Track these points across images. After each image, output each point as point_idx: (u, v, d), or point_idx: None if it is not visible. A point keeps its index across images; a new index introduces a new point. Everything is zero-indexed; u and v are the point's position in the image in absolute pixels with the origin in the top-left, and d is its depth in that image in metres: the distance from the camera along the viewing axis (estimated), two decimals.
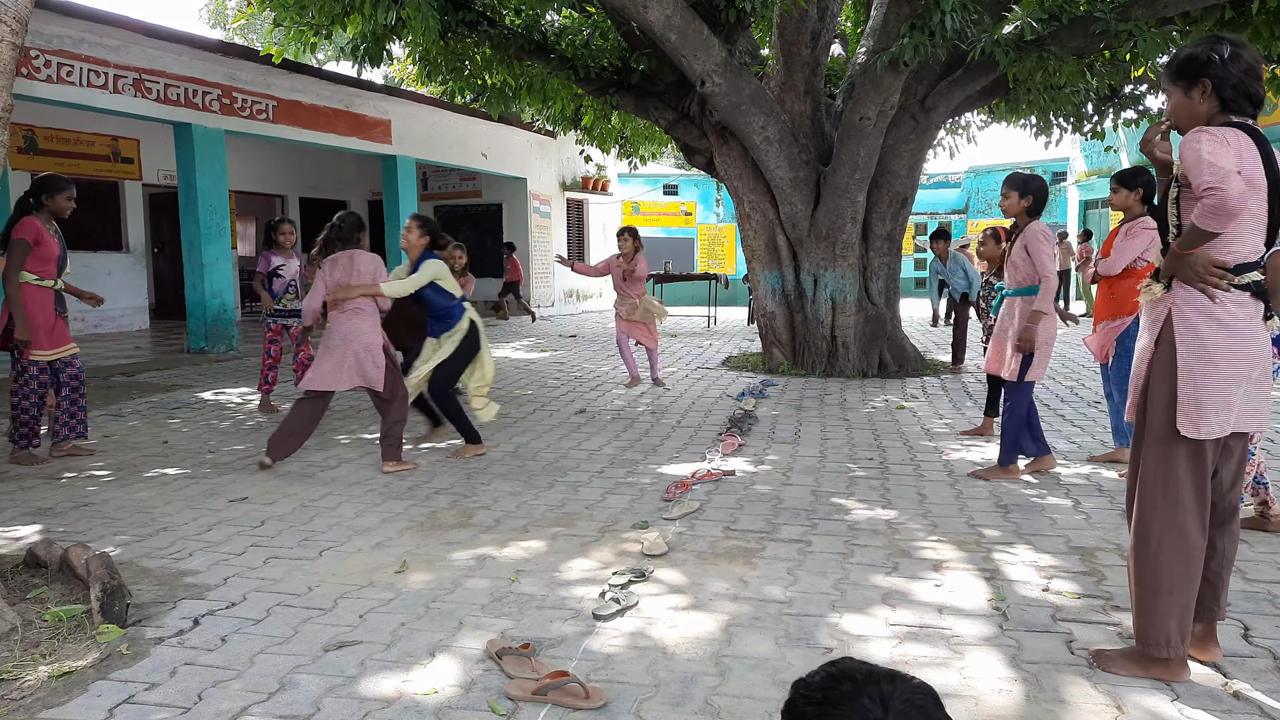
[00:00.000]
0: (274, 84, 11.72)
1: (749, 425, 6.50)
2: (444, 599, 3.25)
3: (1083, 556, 3.64)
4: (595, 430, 6.44)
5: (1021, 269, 4.93)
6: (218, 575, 3.51)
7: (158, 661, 2.77)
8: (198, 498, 4.69)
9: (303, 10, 8.09)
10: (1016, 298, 4.97)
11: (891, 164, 9.19)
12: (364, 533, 4.05)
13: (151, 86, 10.15)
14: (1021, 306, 4.92)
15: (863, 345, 9.24)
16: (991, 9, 8.26)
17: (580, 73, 9.44)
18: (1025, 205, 4.93)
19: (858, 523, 4.14)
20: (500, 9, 9.56)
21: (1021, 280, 4.95)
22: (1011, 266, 5.00)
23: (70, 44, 9.27)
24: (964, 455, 5.54)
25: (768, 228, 9.51)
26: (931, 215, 26.31)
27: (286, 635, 2.95)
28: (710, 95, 8.55)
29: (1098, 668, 2.64)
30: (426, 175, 17.71)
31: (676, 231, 26.48)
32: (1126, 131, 11.18)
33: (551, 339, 13.44)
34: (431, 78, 9.87)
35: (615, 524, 4.17)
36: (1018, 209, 4.95)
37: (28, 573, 3.47)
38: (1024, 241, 4.91)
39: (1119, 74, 8.86)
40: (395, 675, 2.67)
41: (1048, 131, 10.04)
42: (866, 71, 8.50)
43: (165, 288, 15.41)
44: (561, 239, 18.84)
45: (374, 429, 6.49)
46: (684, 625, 3.01)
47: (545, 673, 2.59)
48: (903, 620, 3.04)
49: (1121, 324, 5.01)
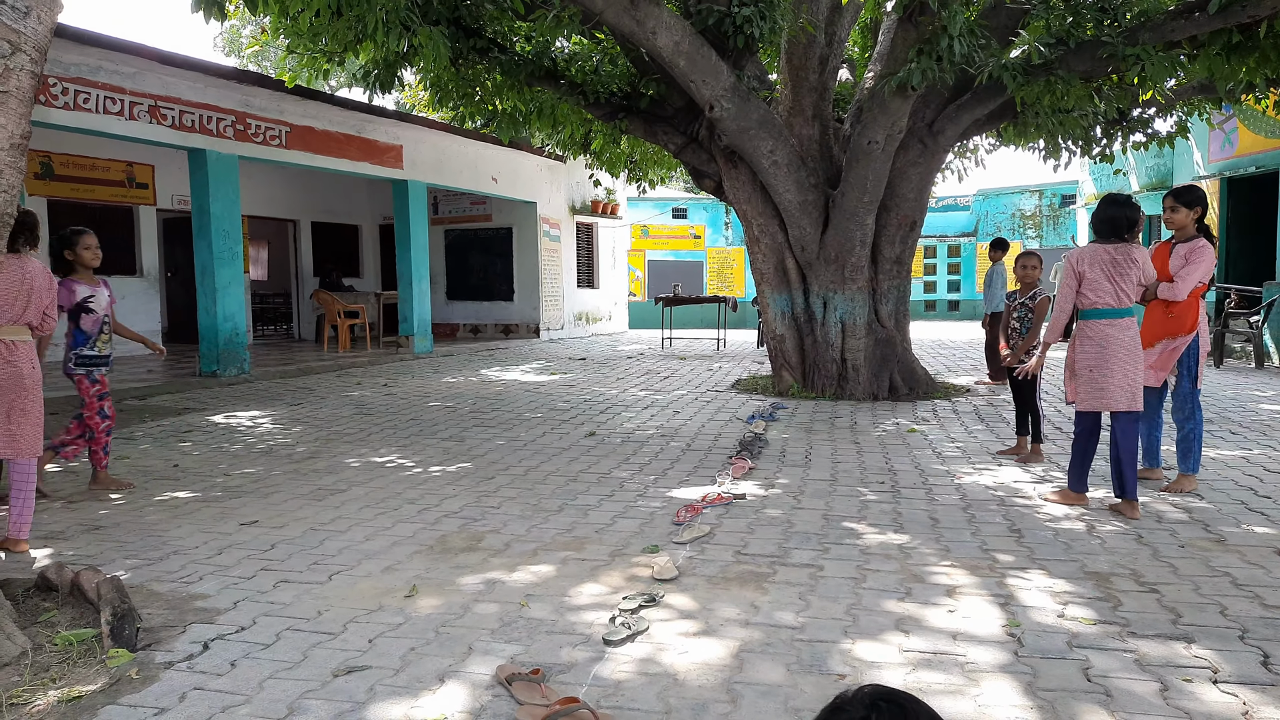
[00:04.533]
0: (287, 110, 11.86)
1: (759, 448, 6.48)
2: (453, 624, 3.24)
3: (1098, 582, 3.61)
4: (605, 453, 6.43)
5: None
6: (228, 599, 3.51)
7: (167, 686, 2.76)
8: (208, 521, 4.69)
9: (316, 37, 8.19)
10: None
11: (900, 187, 9.21)
12: (373, 556, 4.04)
13: (167, 113, 10.28)
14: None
15: (873, 368, 9.21)
16: (999, 33, 8.30)
17: (590, 98, 9.52)
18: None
19: (870, 547, 4.11)
20: (511, 36, 9.67)
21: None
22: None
23: (87, 71, 9.41)
24: (976, 479, 5.50)
25: (777, 251, 9.53)
26: (941, 238, 26.33)
27: (296, 660, 2.94)
28: (719, 120, 8.60)
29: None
30: (437, 199, 17.85)
31: (685, 254, 26.56)
32: (1135, 154, 11.19)
33: (561, 361, 13.46)
34: (443, 103, 9.97)
35: (625, 548, 4.15)
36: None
37: (39, 596, 3.47)
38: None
39: (1127, 97, 8.88)
40: (404, 701, 2.65)
41: (1056, 155, 10.06)
42: (874, 96, 8.55)
43: (178, 311, 15.52)
44: (571, 262, 18.93)
45: (384, 451, 6.50)
46: (695, 651, 2.98)
47: (555, 699, 2.57)
48: (916, 646, 3.01)
49: (1182, 343, 4.95)
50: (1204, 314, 5.03)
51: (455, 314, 18.40)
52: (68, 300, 5.15)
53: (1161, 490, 5.08)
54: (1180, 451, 5.11)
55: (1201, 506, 4.75)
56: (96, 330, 5.26)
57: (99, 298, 5.27)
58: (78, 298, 5.19)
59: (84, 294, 5.20)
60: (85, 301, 5.20)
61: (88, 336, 5.23)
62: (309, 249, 17.18)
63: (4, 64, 2.85)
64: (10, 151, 2.94)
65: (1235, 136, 14.48)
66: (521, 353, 15.10)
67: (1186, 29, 7.16)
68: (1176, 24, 7.17)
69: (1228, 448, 6.27)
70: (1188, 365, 4.99)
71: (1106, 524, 4.45)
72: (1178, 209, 4.96)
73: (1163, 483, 5.22)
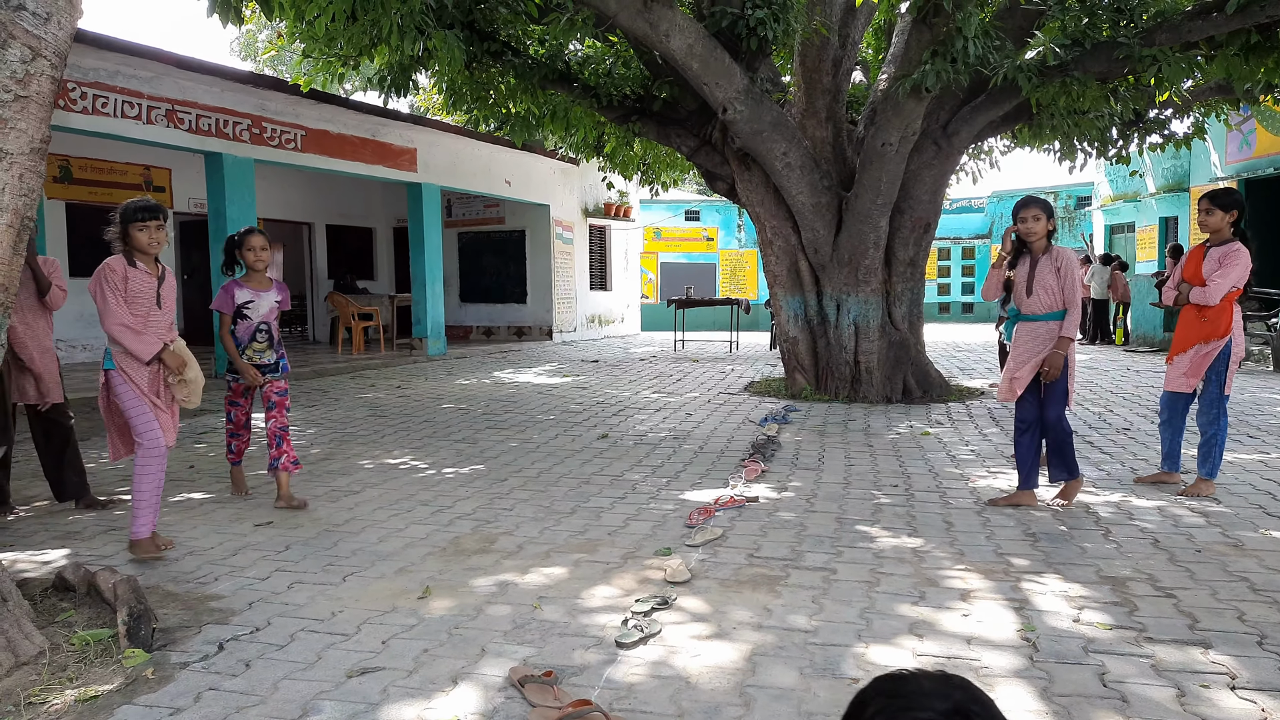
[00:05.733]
0: (302, 114, 11.93)
1: (772, 451, 6.47)
2: (466, 625, 3.24)
3: (1114, 586, 3.58)
4: (617, 456, 6.43)
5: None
6: (242, 600, 3.53)
7: (182, 686, 2.78)
8: (223, 522, 4.72)
9: (331, 42, 8.24)
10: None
11: (914, 189, 9.18)
12: (387, 558, 4.05)
13: (184, 117, 10.36)
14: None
15: (886, 371, 9.18)
16: (1014, 35, 8.27)
17: (603, 101, 9.54)
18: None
19: (883, 551, 4.10)
20: (524, 39, 9.70)
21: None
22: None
23: (106, 76, 9.49)
24: (990, 482, 5.47)
25: (790, 253, 9.51)
26: (955, 240, 26.24)
27: (310, 661, 2.95)
28: (732, 122, 8.59)
29: None
30: (451, 202, 17.91)
31: (698, 257, 26.56)
32: (1152, 156, 11.11)
33: (574, 364, 13.48)
34: (456, 107, 10.01)
35: (638, 550, 4.15)
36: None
37: (56, 596, 3.50)
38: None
39: (1143, 99, 8.82)
40: (417, 702, 2.66)
41: (1071, 156, 10.00)
42: (888, 98, 8.52)
43: (195, 314, 15.62)
44: (584, 265, 18.95)
45: (398, 453, 6.53)
46: (707, 654, 2.98)
47: (568, 701, 2.57)
48: (930, 651, 2.99)
49: (1215, 348, 4.91)
50: (1238, 319, 4.97)
51: (468, 316, 18.46)
52: (227, 305, 5.04)
53: (1179, 494, 5.04)
54: (1201, 455, 5.07)
55: (1219, 511, 4.70)
56: (248, 337, 5.05)
57: (259, 304, 5.07)
58: (236, 302, 5.04)
59: (242, 299, 5.04)
60: (243, 307, 5.04)
61: (239, 342, 5.05)
62: (324, 252, 17.27)
63: (25, 69, 2.88)
64: (30, 156, 2.97)
65: (1253, 138, 14.36)
66: (534, 355, 15.12)
67: (1204, 29, 7.11)
68: (1194, 24, 7.12)
69: (1245, 451, 6.21)
70: (1217, 370, 4.94)
71: (1122, 527, 4.41)
72: (1213, 211, 4.90)
73: (1180, 486, 5.18)
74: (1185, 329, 5.03)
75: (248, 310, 5.05)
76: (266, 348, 5.11)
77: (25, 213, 3.00)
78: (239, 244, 5.05)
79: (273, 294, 5.14)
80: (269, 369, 5.11)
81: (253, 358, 5.07)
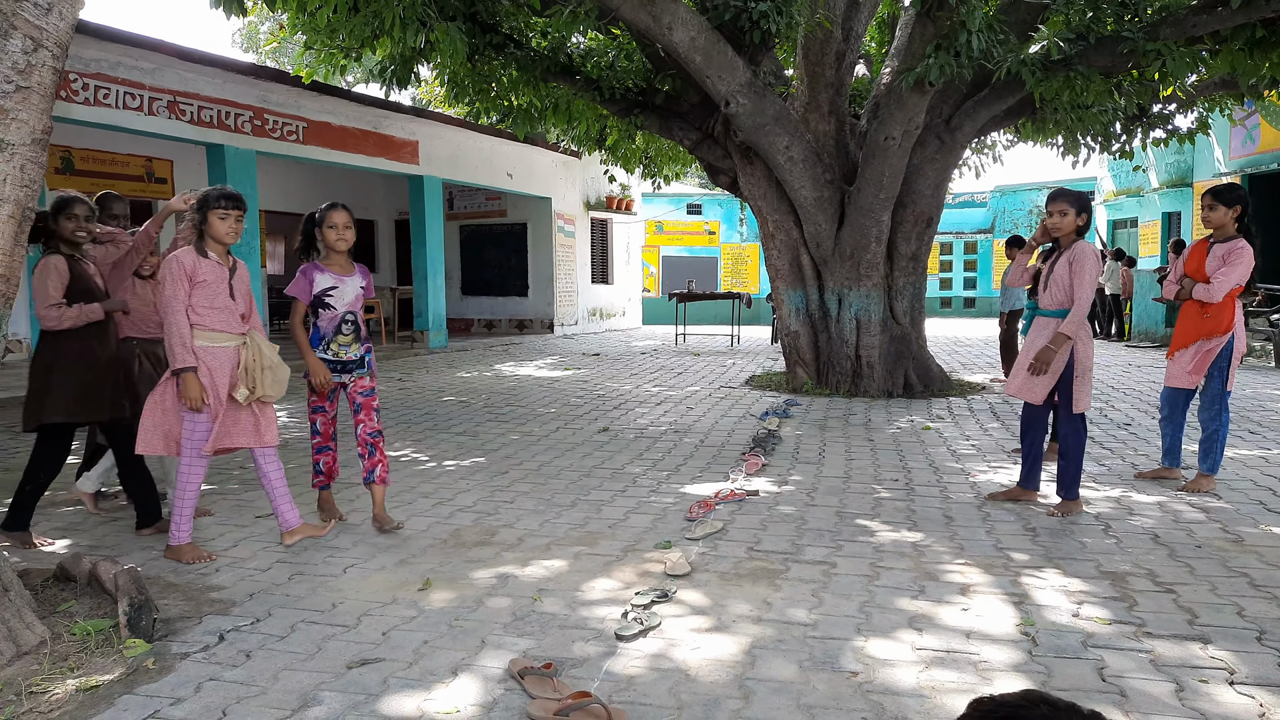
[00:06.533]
0: (304, 106, 11.92)
1: (773, 445, 6.47)
2: (466, 617, 3.25)
3: (1114, 581, 3.58)
4: (618, 449, 6.43)
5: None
6: (243, 591, 3.54)
7: (183, 677, 2.79)
8: (225, 513, 4.73)
9: (333, 34, 8.23)
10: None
11: (916, 183, 9.16)
12: (387, 550, 4.06)
13: (185, 108, 10.35)
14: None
15: (887, 365, 9.18)
16: (1018, 29, 8.24)
17: (605, 94, 9.52)
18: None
19: (883, 545, 4.10)
20: (527, 31, 9.68)
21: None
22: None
23: (107, 67, 9.48)
24: (991, 477, 5.47)
25: (792, 247, 9.50)
26: (957, 235, 26.19)
27: (310, 652, 2.96)
28: (735, 116, 8.58)
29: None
30: (453, 195, 17.89)
31: (700, 250, 26.53)
32: (1155, 151, 11.08)
33: (575, 357, 13.48)
34: (458, 99, 10.00)
35: (638, 543, 4.15)
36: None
37: (57, 586, 3.51)
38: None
39: (1147, 93, 8.79)
40: (417, 694, 2.67)
41: (1075, 151, 9.97)
42: (891, 91, 8.50)
43: None
44: (586, 258, 18.94)
45: (399, 445, 6.53)
46: (707, 647, 2.98)
47: (567, 693, 2.57)
48: (929, 645, 3.00)
49: (1218, 344, 4.91)
50: (1239, 315, 4.97)
51: (470, 309, 18.46)
52: (303, 291, 4.25)
53: (1179, 490, 5.04)
54: (1202, 451, 5.07)
55: (1219, 506, 4.70)
56: (333, 330, 4.29)
57: (343, 290, 4.28)
58: (316, 289, 4.25)
59: (323, 285, 4.25)
60: (324, 295, 4.26)
61: (321, 336, 4.30)
62: None
63: (26, 60, 2.87)
64: (32, 146, 2.96)
65: (1257, 133, 14.32)
66: (536, 348, 15.13)
67: (1209, 24, 7.08)
68: (1199, 19, 7.09)
69: (1246, 447, 6.21)
70: (1219, 366, 4.94)
71: (1122, 522, 4.41)
72: (1216, 207, 4.88)
73: (1180, 482, 5.18)
74: (1186, 324, 5.02)
75: (330, 298, 4.27)
76: (353, 341, 4.35)
77: (27, 204, 3.00)
78: (319, 221, 4.27)
79: (357, 279, 4.37)
80: (354, 365, 4.39)
81: (339, 353, 4.33)
